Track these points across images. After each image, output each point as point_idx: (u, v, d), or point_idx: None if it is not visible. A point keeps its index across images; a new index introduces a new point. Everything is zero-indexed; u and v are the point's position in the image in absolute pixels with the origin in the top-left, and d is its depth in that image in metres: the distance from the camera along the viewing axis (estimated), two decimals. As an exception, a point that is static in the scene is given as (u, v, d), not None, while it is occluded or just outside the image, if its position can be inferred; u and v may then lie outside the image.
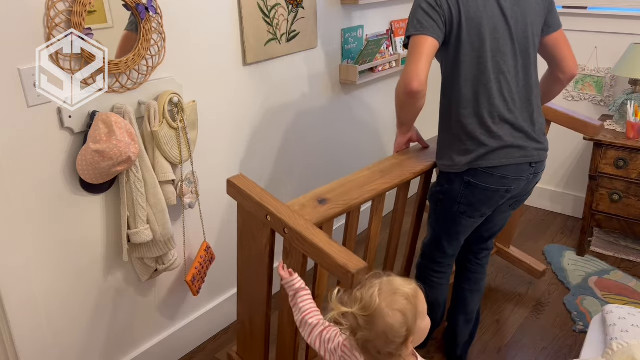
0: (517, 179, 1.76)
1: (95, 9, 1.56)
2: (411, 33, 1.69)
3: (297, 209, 1.57)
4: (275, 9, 2.15)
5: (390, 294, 1.12)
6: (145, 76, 1.75)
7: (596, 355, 1.65)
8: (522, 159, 1.73)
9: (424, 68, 1.64)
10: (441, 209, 1.89)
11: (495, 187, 1.76)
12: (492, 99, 1.69)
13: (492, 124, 1.70)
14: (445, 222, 1.90)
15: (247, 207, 1.62)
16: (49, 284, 1.68)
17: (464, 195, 1.79)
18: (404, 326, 1.10)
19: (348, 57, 2.66)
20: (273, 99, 2.31)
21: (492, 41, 1.68)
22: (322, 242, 1.42)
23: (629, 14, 2.80)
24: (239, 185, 1.63)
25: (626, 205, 2.64)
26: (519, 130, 1.72)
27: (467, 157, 1.74)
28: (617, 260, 2.80)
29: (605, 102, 2.97)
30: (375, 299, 1.10)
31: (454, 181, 1.80)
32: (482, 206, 1.81)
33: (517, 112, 1.72)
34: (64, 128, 1.59)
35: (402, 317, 1.11)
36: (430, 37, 1.65)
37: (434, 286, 2.04)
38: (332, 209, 1.60)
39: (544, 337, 2.28)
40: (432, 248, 2.01)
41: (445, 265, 2.03)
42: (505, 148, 1.71)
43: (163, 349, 2.11)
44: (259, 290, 1.75)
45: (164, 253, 1.85)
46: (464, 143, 1.74)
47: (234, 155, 2.20)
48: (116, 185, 1.75)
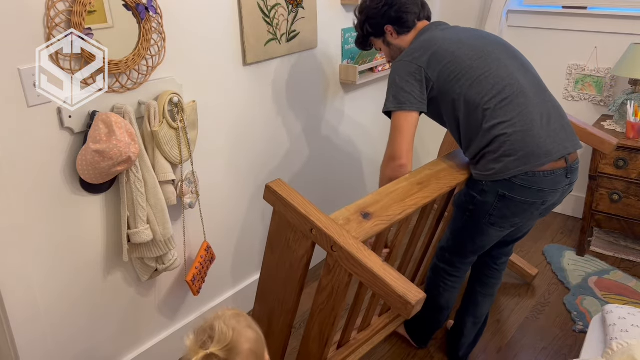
0: (554, 191, 1.71)
1: (95, 9, 1.56)
2: (389, 108, 1.75)
3: (342, 223, 1.50)
4: (275, 9, 2.15)
5: (233, 317, 1.13)
6: (145, 76, 1.75)
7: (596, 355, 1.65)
8: (560, 170, 1.69)
9: (409, 144, 1.75)
10: (469, 218, 1.80)
11: (532, 200, 1.71)
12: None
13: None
14: (471, 231, 1.83)
15: (288, 216, 1.54)
16: (48, 284, 1.68)
17: (498, 208, 1.72)
18: (261, 340, 1.15)
19: (348, 57, 2.66)
20: (273, 99, 2.31)
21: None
22: (377, 266, 1.37)
23: (629, 14, 2.80)
24: (280, 192, 1.54)
25: (626, 205, 2.64)
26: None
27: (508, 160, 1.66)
28: (617, 260, 2.80)
29: (605, 102, 2.97)
30: (226, 328, 1.10)
31: (487, 193, 1.72)
32: (515, 218, 1.76)
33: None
34: (64, 128, 1.59)
35: (254, 331, 1.14)
36: (413, 112, 1.73)
37: (447, 289, 1.99)
38: (378, 225, 1.54)
39: (544, 337, 2.28)
40: (453, 253, 1.93)
41: (463, 270, 1.98)
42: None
43: (163, 349, 2.11)
44: (286, 299, 1.69)
45: (164, 253, 1.85)
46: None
47: (234, 155, 2.20)
48: (116, 185, 1.75)
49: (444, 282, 1.97)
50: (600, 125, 2.79)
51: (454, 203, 1.87)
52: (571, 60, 3.01)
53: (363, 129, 2.94)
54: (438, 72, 1.72)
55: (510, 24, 3.14)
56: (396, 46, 1.92)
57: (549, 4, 3.04)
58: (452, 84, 1.71)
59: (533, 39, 3.10)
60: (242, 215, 2.31)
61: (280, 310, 1.74)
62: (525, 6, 3.12)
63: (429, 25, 1.87)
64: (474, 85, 1.69)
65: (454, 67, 1.71)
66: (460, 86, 1.70)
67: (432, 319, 2.08)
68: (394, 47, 1.94)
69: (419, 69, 1.73)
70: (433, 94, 1.75)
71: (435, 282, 1.99)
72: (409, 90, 1.73)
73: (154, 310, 2.05)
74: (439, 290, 1.98)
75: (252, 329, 1.15)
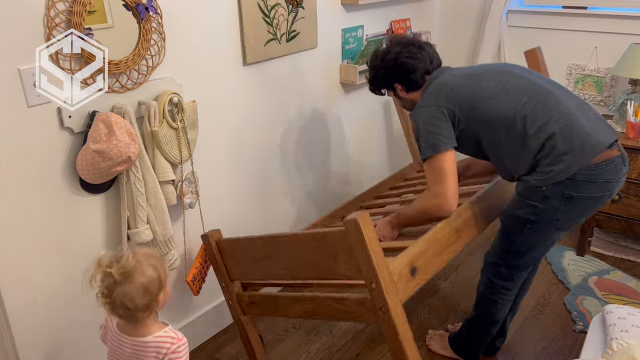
0: (618, 180, 1.67)
1: (95, 9, 1.56)
2: (426, 156, 1.74)
3: (396, 279, 1.52)
4: (275, 9, 2.15)
5: (144, 256, 1.31)
6: (145, 76, 1.75)
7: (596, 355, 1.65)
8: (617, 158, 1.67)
9: (455, 185, 1.73)
10: (530, 230, 1.72)
11: (599, 194, 1.66)
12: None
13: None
14: (533, 241, 1.76)
15: (358, 254, 1.49)
16: (48, 284, 1.68)
17: (564, 211, 1.66)
18: (157, 279, 1.30)
19: (348, 57, 2.66)
20: (273, 99, 2.31)
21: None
22: (409, 346, 1.50)
23: (629, 14, 2.80)
24: (364, 231, 1.44)
25: (626, 205, 2.64)
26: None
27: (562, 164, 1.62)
28: (617, 260, 2.80)
29: (605, 102, 2.97)
30: (132, 259, 1.27)
31: (550, 198, 1.65)
32: (581, 217, 1.72)
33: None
34: (64, 128, 1.59)
35: (156, 272, 1.30)
36: (449, 151, 1.71)
37: (504, 304, 1.92)
38: (418, 283, 1.61)
39: (544, 337, 2.28)
40: (511, 267, 1.83)
41: (520, 281, 1.90)
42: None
43: (163, 349, 2.11)
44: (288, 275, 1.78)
45: (164, 253, 1.85)
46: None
47: (234, 155, 2.20)
48: (116, 185, 1.75)
49: (502, 298, 1.89)
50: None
51: (504, 221, 1.80)
52: (571, 60, 3.01)
53: (363, 128, 2.94)
54: (459, 103, 1.72)
55: (510, 24, 3.14)
56: (407, 99, 1.94)
57: (549, 4, 3.04)
58: (478, 110, 1.71)
59: (533, 39, 3.10)
60: (242, 215, 2.31)
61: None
62: (525, 6, 3.12)
63: (437, 71, 1.87)
64: (500, 101, 1.68)
65: (474, 93, 1.72)
66: (488, 108, 1.69)
67: (486, 334, 2.01)
68: (405, 100, 1.96)
69: (439, 108, 1.73)
70: (461, 126, 1.74)
71: (492, 300, 1.91)
72: (437, 132, 1.72)
73: (154, 310, 2.05)
74: (496, 306, 1.91)
75: (155, 269, 1.30)
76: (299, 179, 2.58)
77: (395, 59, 1.87)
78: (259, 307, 2.02)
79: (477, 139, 1.75)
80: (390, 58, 1.88)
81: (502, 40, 3.11)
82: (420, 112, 1.78)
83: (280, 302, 1.93)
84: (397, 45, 1.89)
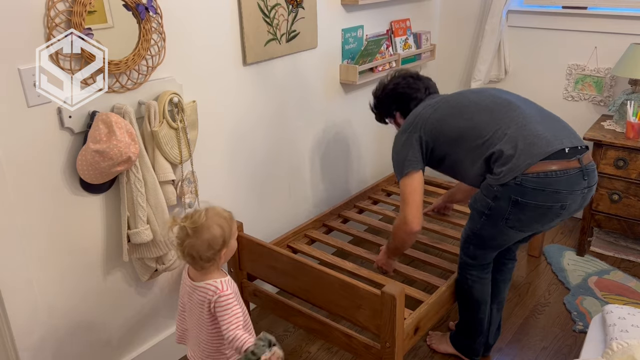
0: (572, 193, 1.70)
1: (95, 9, 1.56)
2: (399, 180, 1.96)
3: (405, 338, 1.81)
4: (275, 9, 2.15)
5: (215, 215, 1.47)
6: (145, 76, 1.75)
7: (596, 355, 1.65)
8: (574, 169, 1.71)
9: (418, 209, 1.94)
10: (486, 221, 1.83)
11: (548, 204, 1.70)
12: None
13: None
14: (490, 231, 1.85)
15: (381, 316, 1.74)
16: (48, 284, 1.68)
17: (513, 212, 1.74)
18: (221, 237, 1.45)
19: (348, 57, 2.66)
20: (273, 99, 2.31)
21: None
22: None
23: (629, 14, 2.80)
24: (398, 305, 1.68)
25: (626, 205, 2.64)
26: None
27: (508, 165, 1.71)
28: (617, 260, 2.80)
29: (605, 102, 2.97)
30: (203, 216, 1.44)
31: (500, 199, 1.74)
32: (534, 224, 1.78)
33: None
34: (64, 128, 1.59)
35: (221, 231, 1.45)
36: (413, 173, 1.92)
37: (475, 281, 1.99)
38: (416, 340, 1.93)
39: (544, 337, 2.28)
40: (476, 246, 1.94)
41: (486, 262, 1.99)
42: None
43: (163, 349, 2.11)
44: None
45: (164, 253, 1.85)
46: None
47: (234, 155, 2.20)
48: (116, 185, 1.75)
49: (471, 274, 1.98)
50: (600, 125, 2.79)
51: (470, 206, 1.91)
52: (571, 60, 3.01)
53: (363, 128, 2.94)
54: (423, 126, 1.92)
55: (510, 24, 3.14)
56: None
57: (549, 4, 3.04)
58: (443, 131, 1.89)
59: (533, 39, 3.10)
60: (241, 214, 2.30)
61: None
62: (525, 6, 3.12)
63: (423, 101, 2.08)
64: (459, 119, 1.86)
65: (438, 114, 1.92)
66: (449, 128, 1.88)
67: (473, 320, 2.05)
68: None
69: (410, 135, 1.94)
70: (430, 147, 1.93)
71: (463, 277, 2.02)
72: (405, 156, 1.93)
73: (154, 310, 2.05)
74: (467, 283, 2.00)
75: (221, 229, 1.45)
76: (298, 178, 2.58)
77: (393, 89, 2.13)
78: (261, 301, 2.14)
79: (445, 157, 1.93)
80: (390, 88, 2.15)
81: (502, 40, 3.11)
82: (395, 140, 2.01)
83: (286, 308, 2.06)
84: (395, 79, 2.15)
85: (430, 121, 1.91)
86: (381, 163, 3.16)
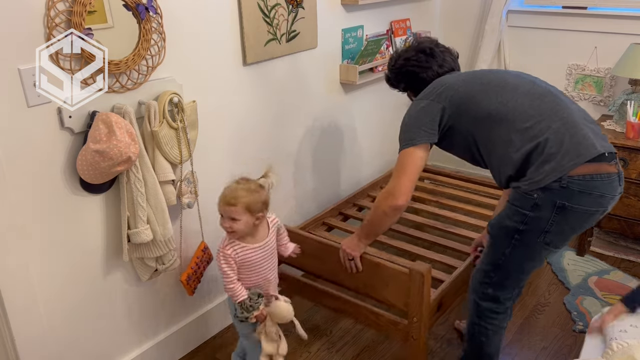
0: (613, 197, 1.57)
1: (95, 9, 1.56)
2: (402, 147, 1.73)
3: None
4: (275, 9, 2.15)
5: (252, 184, 1.75)
6: (146, 76, 1.75)
7: (596, 355, 1.65)
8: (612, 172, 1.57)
9: (411, 183, 1.72)
10: (518, 242, 1.61)
11: (593, 209, 1.56)
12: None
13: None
14: (520, 256, 1.64)
15: (410, 293, 1.84)
16: (48, 284, 1.68)
17: (556, 222, 1.55)
18: (257, 201, 1.71)
19: (348, 57, 2.66)
20: (273, 99, 2.31)
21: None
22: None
23: (629, 14, 2.80)
24: (426, 282, 1.79)
25: (626, 205, 2.64)
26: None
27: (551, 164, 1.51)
28: (617, 260, 2.80)
29: (605, 102, 2.97)
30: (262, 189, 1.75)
31: (542, 207, 1.54)
32: (572, 233, 1.61)
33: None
34: (64, 128, 1.59)
35: (266, 194, 1.74)
36: (420, 146, 1.71)
37: (496, 331, 1.79)
38: (439, 317, 2.04)
39: (544, 337, 2.28)
40: (497, 287, 1.72)
41: (509, 304, 1.77)
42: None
43: (163, 349, 2.11)
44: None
45: (164, 253, 1.85)
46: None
47: (234, 155, 2.20)
48: (116, 185, 1.75)
49: (491, 323, 1.77)
50: (600, 125, 2.79)
51: (492, 231, 1.70)
52: (571, 60, 3.01)
53: (363, 128, 2.94)
54: (450, 98, 1.69)
55: (510, 24, 3.14)
56: None
57: (549, 4, 3.04)
58: (470, 105, 1.66)
59: (533, 39, 3.10)
60: (242, 215, 2.30)
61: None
62: (525, 6, 3.12)
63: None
64: (492, 98, 1.64)
65: (467, 89, 1.69)
66: (477, 103, 1.65)
67: None
68: None
69: (429, 102, 1.71)
70: (450, 122, 1.70)
71: (480, 327, 1.79)
72: (418, 125, 1.71)
73: (154, 310, 2.05)
74: (487, 334, 1.79)
75: (260, 195, 1.73)
76: (298, 178, 2.58)
77: (402, 65, 1.92)
78: (287, 284, 2.22)
79: (467, 137, 1.71)
80: (400, 64, 1.93)
81: (502, 40, 3.11)
82: (411, 106, 1.78)
83: (314, 290, 2.15)
84: (408, 52, 1.93)
85: (459, 95, 1.68)
86: (382, 163, 3.16)
